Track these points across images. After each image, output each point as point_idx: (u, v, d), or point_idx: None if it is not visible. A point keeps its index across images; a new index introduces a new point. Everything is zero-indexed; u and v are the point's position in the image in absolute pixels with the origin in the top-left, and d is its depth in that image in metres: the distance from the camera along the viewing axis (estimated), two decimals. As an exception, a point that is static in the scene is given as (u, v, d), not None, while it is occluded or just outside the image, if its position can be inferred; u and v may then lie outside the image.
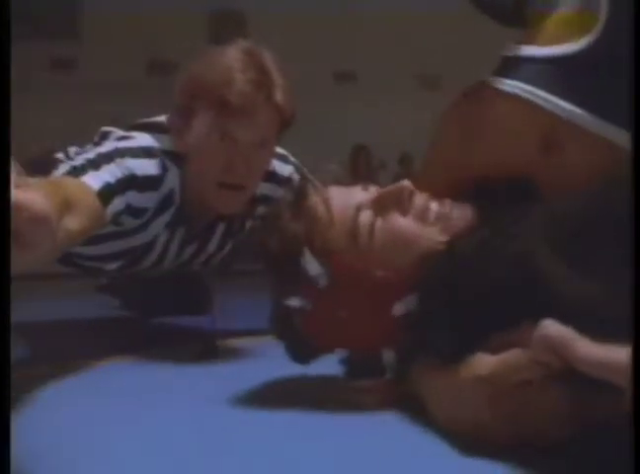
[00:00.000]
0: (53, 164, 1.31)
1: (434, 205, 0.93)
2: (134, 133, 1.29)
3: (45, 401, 0.96)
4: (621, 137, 0.94)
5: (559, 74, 0.97)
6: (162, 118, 1.34)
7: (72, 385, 1.07)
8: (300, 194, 0.93)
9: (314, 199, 0.93)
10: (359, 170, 4.38)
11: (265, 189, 1.32)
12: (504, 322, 0.77)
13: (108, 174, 1.13)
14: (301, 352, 0.94)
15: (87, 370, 1.16)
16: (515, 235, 0.81)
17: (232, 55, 1.21)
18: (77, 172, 1.10)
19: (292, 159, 1.44)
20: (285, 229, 0.91)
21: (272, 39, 1.29)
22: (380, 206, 0.92)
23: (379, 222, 0.90)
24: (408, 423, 0.84)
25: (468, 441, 0.74)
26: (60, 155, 1.42)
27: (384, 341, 0.91)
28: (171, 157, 1.25)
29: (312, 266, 0.90)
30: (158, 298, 1.70)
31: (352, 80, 4.31)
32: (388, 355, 0.91)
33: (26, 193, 0.55)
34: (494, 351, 0.77)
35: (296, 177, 1.42)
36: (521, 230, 0.82)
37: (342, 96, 4.07)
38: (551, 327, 0.69)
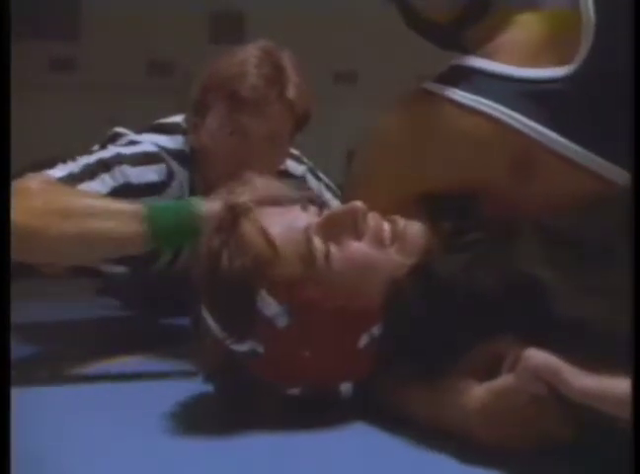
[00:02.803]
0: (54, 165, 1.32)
1: (385, 225, 0.88)
2: (144, 137, 1.30)
3: (45, 402, 0.96)
4: (598, 164, 0.92)
5: (536, 97, 0.94)
6: (178, 119, 1.35)
7: (73, 386, 1.07)
8: (231, 225, 0.84)
9: (246, 229, 0.84)
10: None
11: None
12: (488, 338, 0.77)
13: (101, 184, 1.15)
14: (242, 394, 0.87)
15: (87, 371, 1.16)
16: (509, 252, 0.80)
17: (249, 52, 1.23)
18: (74, 180, 1.12)
19: (306, 160, 1.45)
20: (232, 266, 0.81)
21: (272, 39, 1.29)
22: (331, 230, 0.85)
23: (332, 248, 0.83)
24: (381, 434, 0.82)
25: (466, 449, 0.74)
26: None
27: (348, 374, 0.86)
28: (181, 159, 1.27)
29: (269, 305, 0.81)
30: (158, 298, 1.71)
31: (352, 80, 4.30)
32: (346, 388, 0.86)
33: None
34: (476, 367, 0.77)
35: (310, 177, 1.44)
36: (516, 247, 0.80)
37: (341, 96, 4.06)
38: (538, 357, 0.68)
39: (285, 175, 1.37)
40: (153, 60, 4.10)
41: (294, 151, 1.42)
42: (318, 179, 1.48)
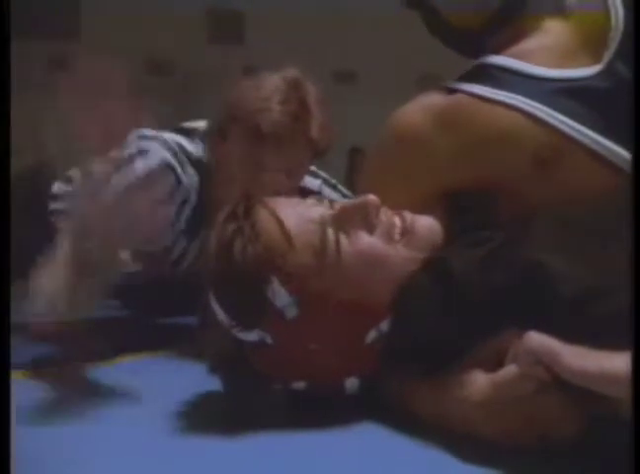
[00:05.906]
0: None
1: (397, 220, 0.88)
2: (151, 146, 1.31)
3: (45, 401, 0.96)
4: (624, 158, 0.92)
5: (565, 94, 0.94)
6: (202, 124, 1.36)
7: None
8: (245, 212, 0.84)
9: (261, 217, 0.83)
10: (356, 173, 4.36)
11: None
12: (499, 330, 0.76)
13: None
14: (248, 386, 0.86)
15: (87, 371, 1.16)
16: (523, 248, 0.79)
17: (275, 85, 1.23)
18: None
19: (322, 173, 1.46)
20: (244, 254, 0.81)
21: (272, 39, 1.29)
22: (344, 223, 0.85)
23: (344, 241, 0.83)
24: (387, 434, 0.81)
25: (469, 448, 0.73)
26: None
27: (354, 370, 0.85)
28: (196, 165, 1.29)
29: (280, 295, 0.81)
30: (158, 298, 1.71)
31: (352, 80, 4.31)
32: (351, 383, 0.85)
33: None
34: (482, 361, 0.76)
35: (327, 189, 1.45)
36: (531, 241, 0.80)
37: (341, 96, 4.07)
38: (535, 339, 0.68)
39: (303, 191, 1.37)
40: (152, 59, 4.11)
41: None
42: (335, 189, 1.48)
